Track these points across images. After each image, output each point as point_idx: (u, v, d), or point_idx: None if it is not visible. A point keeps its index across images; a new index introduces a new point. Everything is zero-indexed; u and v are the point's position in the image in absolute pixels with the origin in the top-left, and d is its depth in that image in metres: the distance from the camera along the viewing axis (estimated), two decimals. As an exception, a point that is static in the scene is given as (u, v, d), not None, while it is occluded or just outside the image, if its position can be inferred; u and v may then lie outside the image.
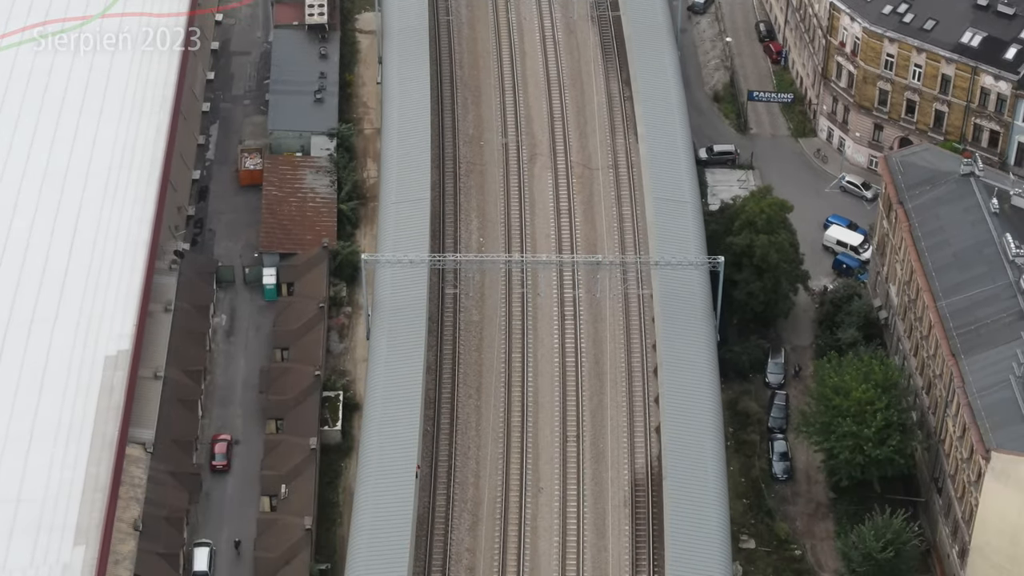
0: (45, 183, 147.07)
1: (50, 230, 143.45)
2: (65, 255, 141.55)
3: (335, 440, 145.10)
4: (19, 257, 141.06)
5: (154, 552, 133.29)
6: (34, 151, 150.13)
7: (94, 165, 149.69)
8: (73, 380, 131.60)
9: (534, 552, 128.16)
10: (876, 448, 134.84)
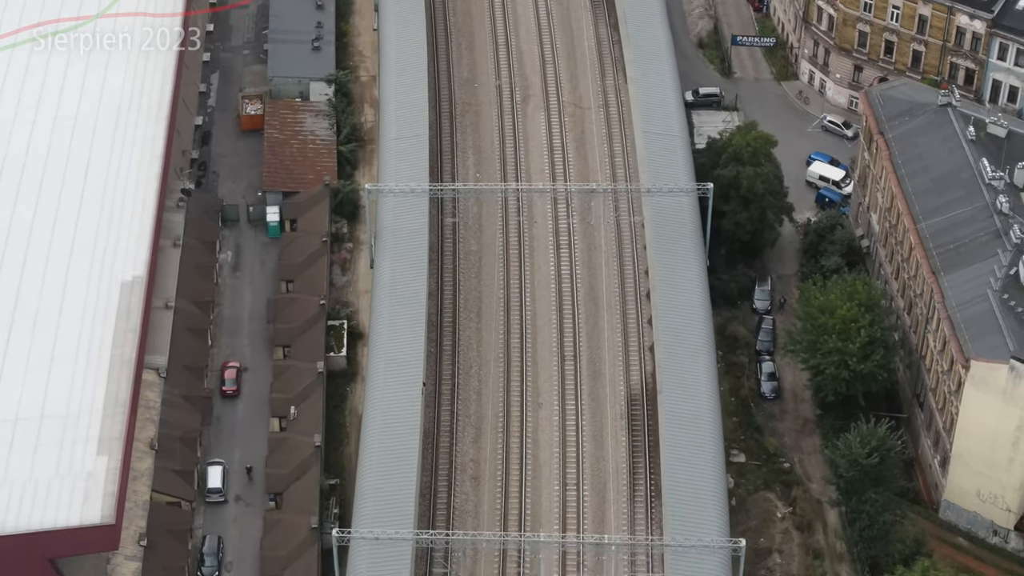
0: (59, 125, 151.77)
1: (64, 167, 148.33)
2: (79, 190, 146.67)
3: (340, 366, 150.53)
4: (35, 192, 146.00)
5: (170, 469, 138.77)
6: (48, 96, 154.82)
7: (104, 107, 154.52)
8: (91, 305, 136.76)
9: (535, 462, 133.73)
10: (860, 363, 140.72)
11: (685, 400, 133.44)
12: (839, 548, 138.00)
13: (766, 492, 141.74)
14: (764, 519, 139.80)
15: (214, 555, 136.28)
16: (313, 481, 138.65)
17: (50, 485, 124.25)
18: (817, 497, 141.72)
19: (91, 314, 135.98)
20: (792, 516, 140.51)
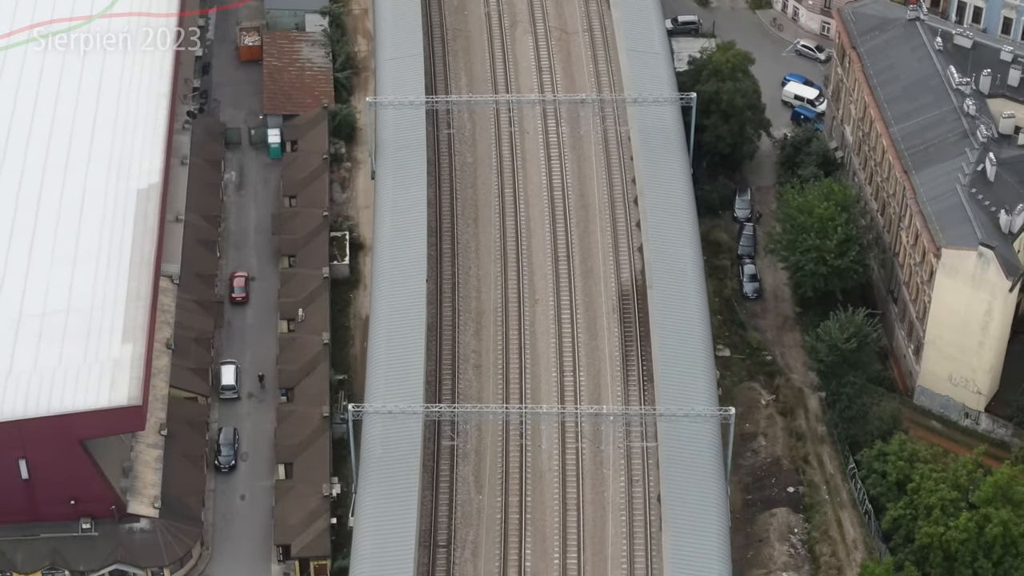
0: (72, 49, 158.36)
1: (78, 85, 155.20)
2: (93, 105, 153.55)
3: (344, 274, 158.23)
4: (52, 108, 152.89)
5: (186, 367, 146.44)
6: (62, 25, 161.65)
7: (115, 31, 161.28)
8: (110, 210, 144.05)
9: (534, 352, 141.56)
10: (837, 259, 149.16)
11: (674, 290, 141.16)
12: (820, 431, 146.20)
13: (750, 382, 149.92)
14: (749, 407, 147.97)
15: (230, 445, 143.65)
16: (323, 375, 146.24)
17: (79, 371, 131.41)
18: (798, 386, 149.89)
19: (110, 218, 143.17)
20: (775, 403, 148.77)
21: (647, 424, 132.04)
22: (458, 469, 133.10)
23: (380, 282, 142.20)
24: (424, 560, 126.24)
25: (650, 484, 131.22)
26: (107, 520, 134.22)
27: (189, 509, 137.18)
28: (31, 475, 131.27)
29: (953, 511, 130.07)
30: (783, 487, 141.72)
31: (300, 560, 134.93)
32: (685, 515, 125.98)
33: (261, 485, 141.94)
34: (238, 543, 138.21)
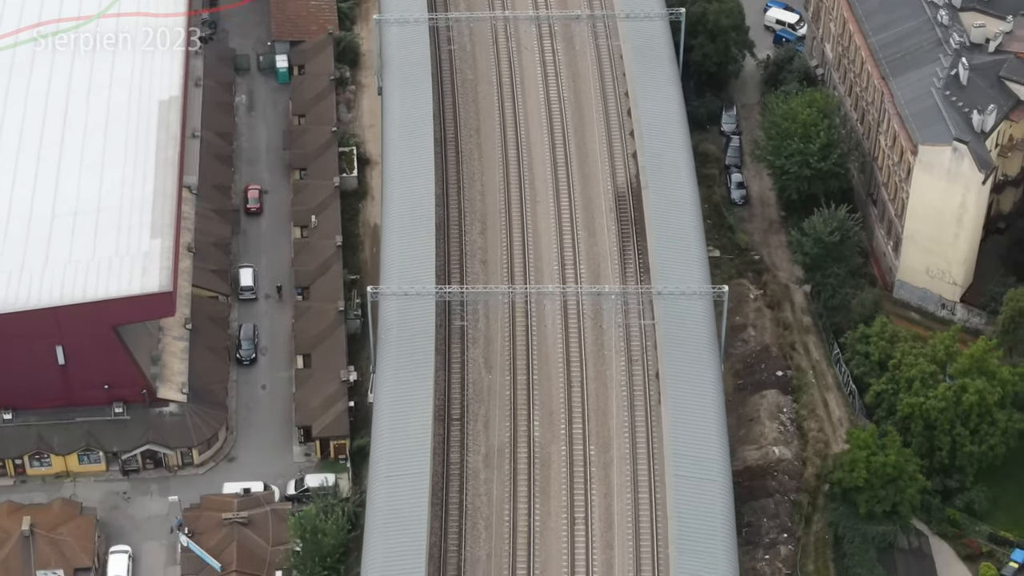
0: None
1: (98, 12, 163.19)
2: (114, 30, 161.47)
3: (352, 186, 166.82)
4: (75, 35, 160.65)
5: (207, 269, 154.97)
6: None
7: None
8: (134, 118, 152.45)
9: (536, 248, 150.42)
10: (820, 162, 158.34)
11: (668, 190, 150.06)
12: (806, 322, 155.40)
13: (739, 279, 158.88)
14: (739, 301, 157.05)
15: (250, 340, 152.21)
16: (336, 275, 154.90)
17: (111, 263, 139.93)
18: (784, 282, 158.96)
19: (135, 125, 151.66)
20: (763, 297, 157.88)
21: (644, 303, 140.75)
22: (468, 352, 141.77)
23: (391, 183, 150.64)
24: (439, 432, 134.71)
25: (649, 362, 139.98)
26: (138, 404, 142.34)
27: (214, 395, 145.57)
28: (67, 361, 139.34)
29: (932, 383, 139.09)
30: (772, 372, 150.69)
31: (320, 440, 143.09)
32: (683, 389, 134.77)
33: (281, 376, 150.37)
34: (261, 428, 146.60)
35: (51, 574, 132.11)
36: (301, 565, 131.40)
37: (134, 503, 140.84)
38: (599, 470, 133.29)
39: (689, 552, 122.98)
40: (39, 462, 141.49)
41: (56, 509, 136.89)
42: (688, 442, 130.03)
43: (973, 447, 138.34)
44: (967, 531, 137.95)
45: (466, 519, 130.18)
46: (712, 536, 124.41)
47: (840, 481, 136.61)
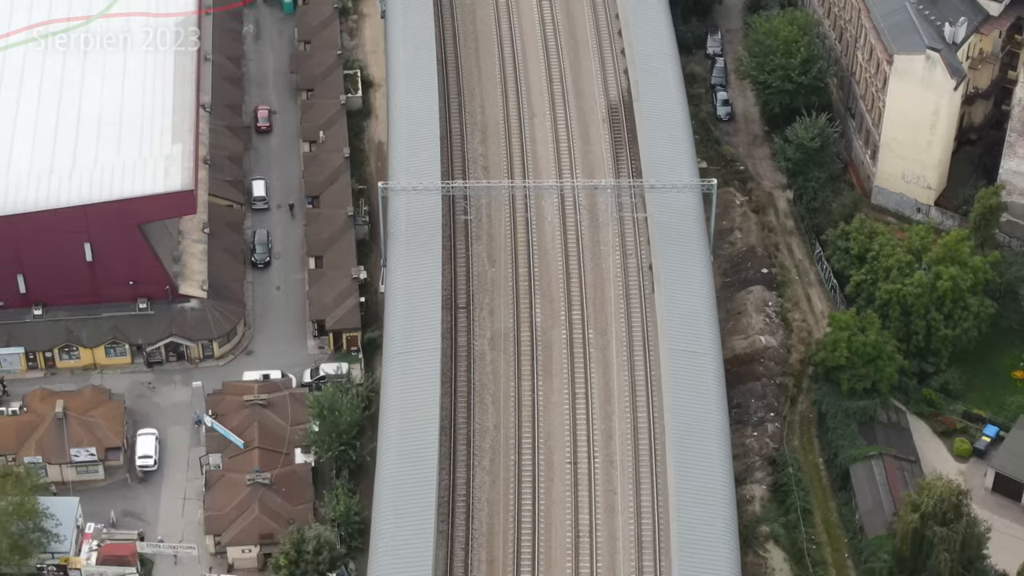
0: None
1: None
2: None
3: (357, 106, 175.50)
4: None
5: (222, 180, 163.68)
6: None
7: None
8: (151, 35, 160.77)
9: (534, 153, 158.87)
10: (801, 76, 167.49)
11: (658, 99, 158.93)
12: (789, 225, 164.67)
13: (726, 187, 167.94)
14: (726, 207, 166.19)
15: (264, 244, 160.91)
16: (345, 183, 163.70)
17: (135, 165, 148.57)
18: (768, 190, 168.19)
19: (153, 42, 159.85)
20: (748, 203, 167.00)
21: (637, 197, 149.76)
22: (472, 248, 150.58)
23: (396, 97, 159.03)
24: (447, 319, 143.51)
25: (642, 255, 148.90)
26: (161, 300, 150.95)
27: (232, 293, 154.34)
28: (95, 258, 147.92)
29: (908, 271, 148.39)
30: (758, 269, 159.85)
31: (333, 333, 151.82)
32: (675, 276, 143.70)
33: (294, 278, 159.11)
34: (276, 324, 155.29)
35: (84, 452, 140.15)
36: (319, 442, 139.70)
37: (159, 392, 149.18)
38: (597, 351, 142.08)
39: (682, 415, 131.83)
40: (68, 355, 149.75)
41: (86, 395, 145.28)
42: (680, 318, 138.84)
43: (947, 331, 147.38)
44: (942, 410, 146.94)
45: (474, 395, 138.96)
46: (704, 402, 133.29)
47: (823, 361, 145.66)
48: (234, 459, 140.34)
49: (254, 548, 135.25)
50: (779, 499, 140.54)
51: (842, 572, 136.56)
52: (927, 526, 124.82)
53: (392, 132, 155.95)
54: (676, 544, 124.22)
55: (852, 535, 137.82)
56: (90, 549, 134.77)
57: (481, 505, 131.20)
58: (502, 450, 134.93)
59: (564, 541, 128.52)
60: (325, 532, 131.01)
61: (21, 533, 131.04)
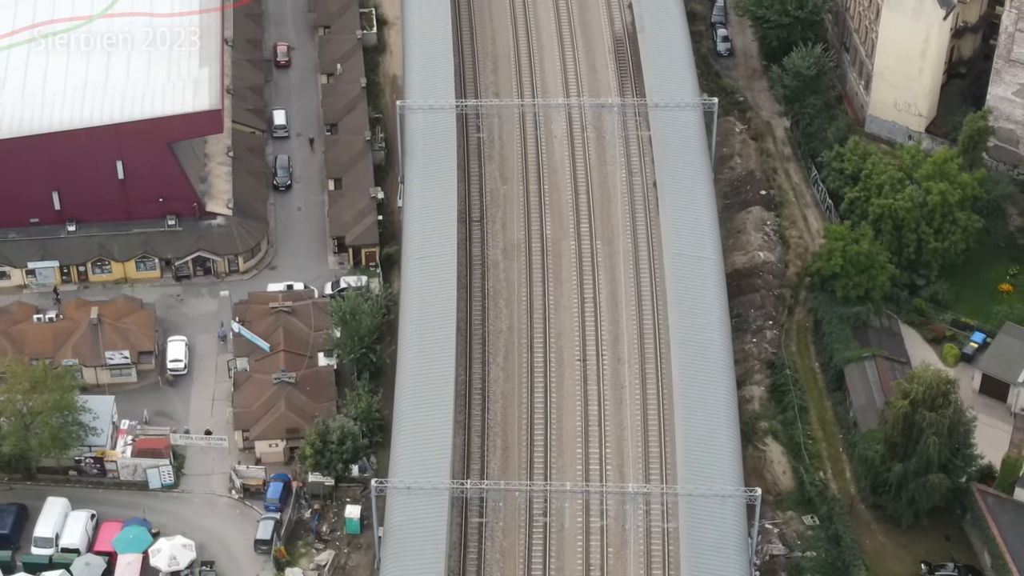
0: None
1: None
2: None
3: (372, 42, 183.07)
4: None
5: (244, 108, 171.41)
6: None
7: None
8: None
9: (543, 80, 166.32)
10: (798, 10, 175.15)
11: (662, 30, 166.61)
12: (786, 152, 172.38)
13: (726, 117, 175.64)
14: (726, 135, 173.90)
15: (285, 168, 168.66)
16: (362, 111, 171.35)
17: (164, 86, 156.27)
18: (767, 119, 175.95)
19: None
20: (748, 131, 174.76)
21: (641, 115, 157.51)
22: (485, 167, 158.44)
23: (410, 21, 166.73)
24: (462, 231, 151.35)
25: (647, 172, 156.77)
26: (189, 217, 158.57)
27: (256, 211, 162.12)
28: (126, 176, 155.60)
29: (899, 187, 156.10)
30: (756, 191, 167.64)
31: (353, 249, 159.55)
32: (678, 189, 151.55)
33: (315, 200, 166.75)
34: (298, 241, 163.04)
35: (118, 355, 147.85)
36: (341, 345, 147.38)
37: (187, 304, 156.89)
38: (605, 260, 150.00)
39: (686, 314, 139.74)
40: (100, 269, 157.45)
41: (119, 304, 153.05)
42: (683, 227, 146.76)
43: (937, 244, 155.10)
44: (932, 319, 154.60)
45: (488, 300, 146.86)
46: (706, 300, 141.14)
47: (819, 271, 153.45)
48: (260, 362, 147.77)
49: (280, 442, 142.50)
50: (777, 399, 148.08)
51: (837, 464, 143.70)
52: (917, 412, 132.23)
53: (407, 54, 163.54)
54: (680, 431, 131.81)
55: (846, 431, 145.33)
56: (125, 443, 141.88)
57: (496, 398, 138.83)
58: (515, 349, 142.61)
59: (575, 429, 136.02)
60: (348, 423, 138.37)
61: (61, 426, 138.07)
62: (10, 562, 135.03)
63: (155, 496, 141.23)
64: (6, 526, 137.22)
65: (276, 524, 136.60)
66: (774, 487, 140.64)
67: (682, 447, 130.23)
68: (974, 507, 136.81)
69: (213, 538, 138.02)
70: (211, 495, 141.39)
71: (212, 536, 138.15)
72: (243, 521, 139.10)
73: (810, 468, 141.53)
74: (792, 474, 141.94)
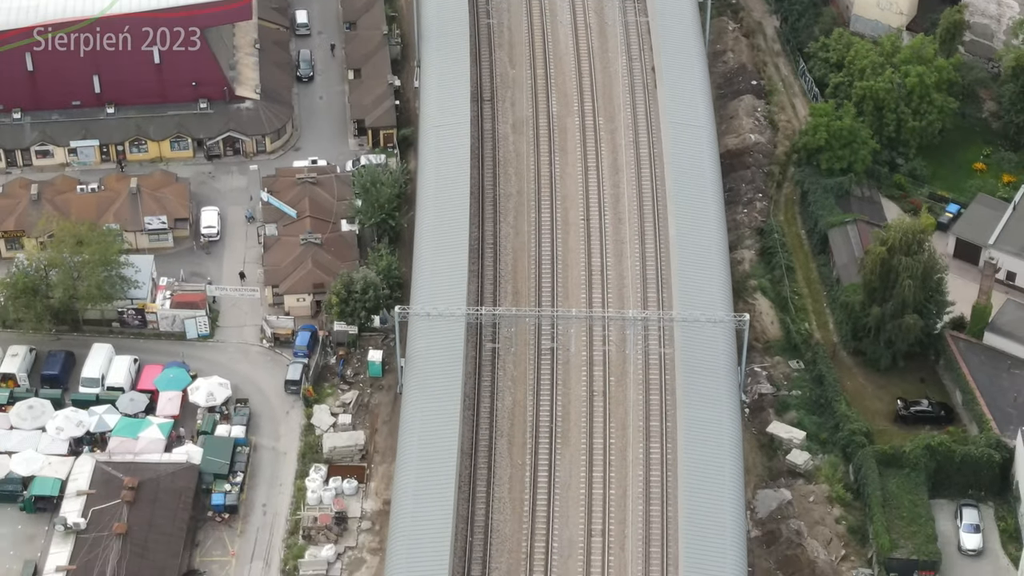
0: None
1: None
2: None
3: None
4: None
5: (270, 7, 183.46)
6: None
7: None
8: None
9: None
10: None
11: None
12: (776, 48, 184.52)
13: (719, 17, 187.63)
14: (719, 34, 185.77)
15: (308, 61, 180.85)
16: (379, 9, 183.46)
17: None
18: (757, 19, 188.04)
19: None
20: (739, 28, 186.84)
21: (640, 1, 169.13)
22: (495, 53, 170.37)
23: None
24: (474, 109, 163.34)
25: (646, 59, 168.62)
26: (220, 101, 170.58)
27: (282, 96, 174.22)
28: (162, 61, 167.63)
29: (880, 71, 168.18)
30: (748, 82, 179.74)
31: (372, 131, 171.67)
32: (675, 70, 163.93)
33: (335, 90, 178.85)
34: (321, 126, 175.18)
35: (156, 220, 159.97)
36: (363, 212, 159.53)
37: (218, 180, 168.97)
38: (607, 134, 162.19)
39: (681, 174, 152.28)
40: (137, 148, 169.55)
41: (156, 177, 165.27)
42: (679, 101, 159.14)
43: (915, 123, 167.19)
44: (911, 192, 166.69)
45: (498, 168, 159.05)
46: (699, 162, 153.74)
47: (805, 145, 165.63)
48: (288, 227, 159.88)
49: (307, 296, 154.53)
50: (766, 260, 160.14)
51: (821, 317, 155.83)
52: (893, 257, 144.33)
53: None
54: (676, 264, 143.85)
55: (830, 288, 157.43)
56: (164, 297, 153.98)
57: (507, 251, 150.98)
58: (524, 210, 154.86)
59: (579, 277, 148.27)
60: (371, 275, 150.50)
61: (105, 279, 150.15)
62: (60, 399, 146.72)
63: (192, 345, 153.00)
64: (56, 368, 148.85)
65: (304, 368, 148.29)
66: (762, 335, 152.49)
67: (677, 277, 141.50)
68: (947, 351, 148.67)
69: (246, 381, 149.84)
70: (244, 344, 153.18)
71: (245, 379, 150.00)
72: (274, 366, 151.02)
73: (796, 319, 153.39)
74: (779, 325, 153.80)
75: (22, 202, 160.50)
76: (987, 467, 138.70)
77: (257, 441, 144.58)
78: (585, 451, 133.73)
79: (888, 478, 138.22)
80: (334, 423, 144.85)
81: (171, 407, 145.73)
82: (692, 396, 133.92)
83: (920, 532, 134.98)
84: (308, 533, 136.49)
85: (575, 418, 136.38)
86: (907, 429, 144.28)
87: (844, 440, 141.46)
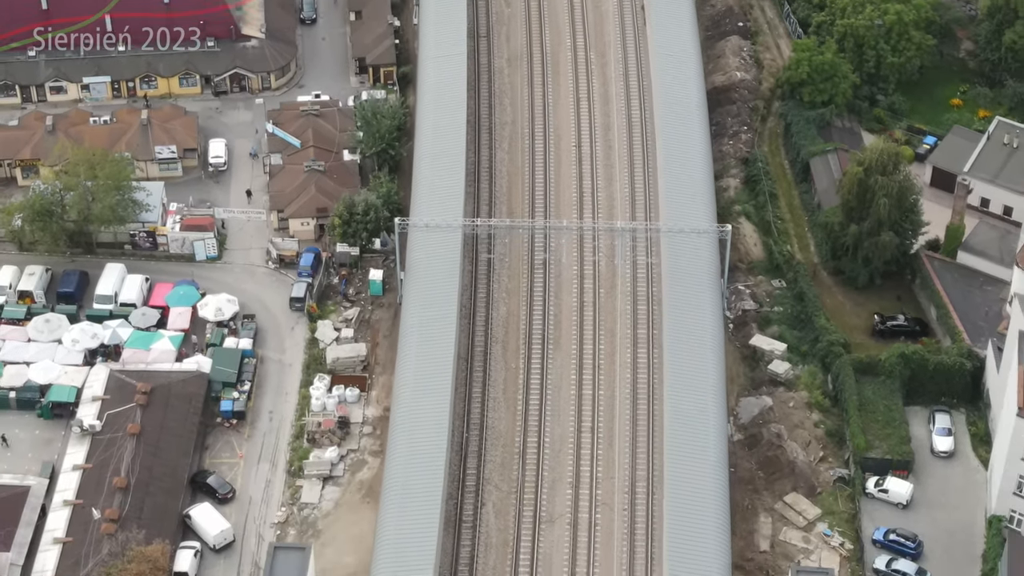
0: None
1: None
2: None
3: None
4: None
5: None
6: None
7: None
8: None
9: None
10: None
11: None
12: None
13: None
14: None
15: (311, 3, 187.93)
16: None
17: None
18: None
19: None
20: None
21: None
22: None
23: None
24: (472, 44, 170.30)
25: None
26: (226, 40, 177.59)
27: (286, 36, 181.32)
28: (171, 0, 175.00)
29: (860, 9, 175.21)
30: (734, 23, 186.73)
31: (372, 68, 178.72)
32: (664, 10, 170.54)
33: (337, 32, 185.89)
34: (323, 65, 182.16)
35: (166, 149, 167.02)
36: (364, 143, 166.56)
37: (225, 114, 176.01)
38: (598, 68, 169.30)
39: (668, 102, 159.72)
40: (147, 84, 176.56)
41: (166, 110, 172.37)
42: (666, 32, 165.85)
43: (894, 59, 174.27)
44: (890, 125, 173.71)
45: (495, 98, 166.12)
46: (686, 90, 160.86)
47: (788, 79, 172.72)
48: (292, 156, 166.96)
49: (311, 220, 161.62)
50: (750, 187, 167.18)
51: (802, 241, 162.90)
52: (870, 177, 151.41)
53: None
54: (663, 193, 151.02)
55: (811, 214, 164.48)
56: (174, 221, 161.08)
57: (502, 174, 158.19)
58: (519, 137, 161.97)
59: (570, 198, 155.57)
60: (372, 198, 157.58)
61: (118, 201, 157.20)
62: (75, 315, 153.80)
63: (201, 266, 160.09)
64: (71, 286, 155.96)
65: (308, 286, 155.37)
66: (746, 256, 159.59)
67: (664, 193, 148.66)
68: (922, 270, 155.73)
69: (253, 298, 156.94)
70: (250, 265, 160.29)
71: (252, 297, 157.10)
72: (279, 286, 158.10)
73: (778, 241, 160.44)
74: (763, 247, 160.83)
75: (37, 133, 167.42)
76: (959, 375, 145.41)
77: (264, 354, 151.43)
78: (576, 355, 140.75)
79: (864, 385, 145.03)
80: (337, 337, 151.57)
81: (181, 322, 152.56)
82: (677, 303, 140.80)
83: (894, 434, 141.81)
84: (312, 437, 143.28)
85: (566, 326, 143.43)
86: (884, 343, 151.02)
87: (823, 351, 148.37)
